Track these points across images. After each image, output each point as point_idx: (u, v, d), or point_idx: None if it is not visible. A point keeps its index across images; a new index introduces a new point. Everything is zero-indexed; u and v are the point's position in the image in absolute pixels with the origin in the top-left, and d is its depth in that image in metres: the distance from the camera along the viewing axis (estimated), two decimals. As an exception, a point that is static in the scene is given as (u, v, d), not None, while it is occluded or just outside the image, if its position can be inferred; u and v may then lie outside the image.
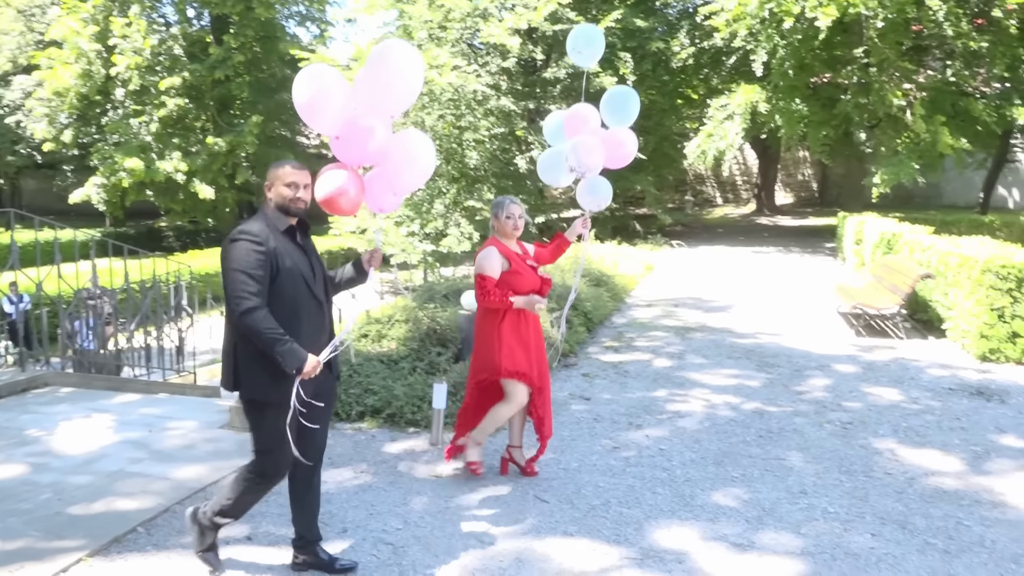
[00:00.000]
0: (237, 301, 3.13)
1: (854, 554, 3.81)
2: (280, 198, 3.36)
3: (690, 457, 5.09)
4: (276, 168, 3.41)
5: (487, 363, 4.48)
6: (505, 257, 4.46)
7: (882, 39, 14.89)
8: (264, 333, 3.13)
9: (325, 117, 3.48)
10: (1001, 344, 7.54)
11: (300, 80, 3.42)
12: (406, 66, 3.49)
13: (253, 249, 3.17)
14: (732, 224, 26.47)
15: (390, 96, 3.51)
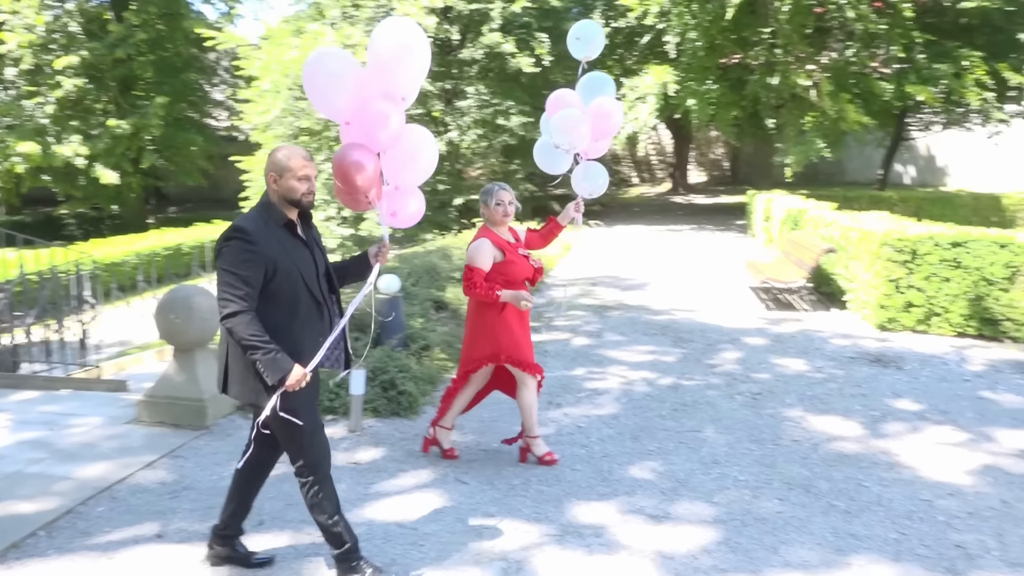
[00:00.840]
0: (222, 304, 3.01)
1: (763, 519, 3.97)
2: (290, 191, 3.13)
3: (608, 433, 5.19)
4: (285, 158, 3.14)
5: (490, 348, 4.44)
6: (499, 248, 4.40)
7: (787, 21, 15.35)
8: (246, 340, 2.99)
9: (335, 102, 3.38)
10: (898, 313, 7.94)
11: (309, 63, 3.34)
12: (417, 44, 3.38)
13: (245, 249, 3.01)
14: (648, 203, 26.96)
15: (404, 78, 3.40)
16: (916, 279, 7.82)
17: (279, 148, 3.21)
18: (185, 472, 4.58)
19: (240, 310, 2.99)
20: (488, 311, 4.46)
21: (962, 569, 3.50)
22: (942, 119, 20.89)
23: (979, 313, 7.64)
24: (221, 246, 3.06)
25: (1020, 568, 3.50)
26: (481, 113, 18.72)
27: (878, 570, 3.49)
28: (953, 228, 8.27)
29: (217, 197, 25.58)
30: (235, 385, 3.18)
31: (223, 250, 3.04)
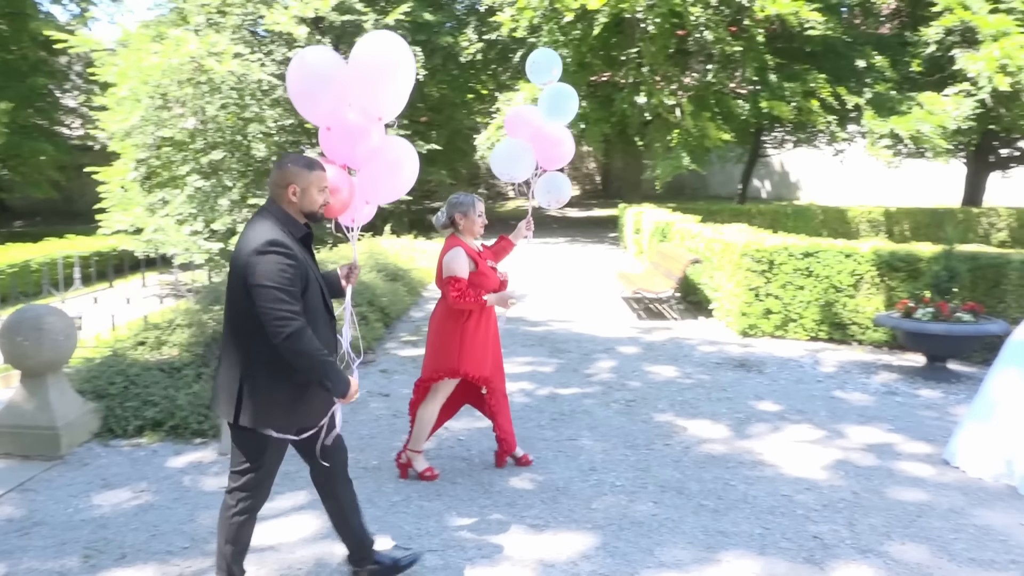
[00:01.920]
0: (281, 324, 2.80)
1: (639, 522, 4.10)
2: (311, 204, 3.03)
3: (489, 445, 5.21)
4: (307, 169, 3.01)
5: (445, 363, 4.41)
6: (471, 258, 4.42)
7: (652, 42, 16.05)
8: (315, 356, 2.85)
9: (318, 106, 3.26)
10: (758, 320, 8.42)
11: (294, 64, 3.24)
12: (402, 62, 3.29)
13: (287, 263, 2.85)
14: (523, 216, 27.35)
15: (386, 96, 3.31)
16: (773, 287, 8.32)
17: (295, 158, 3.06)
18: (36, 507, 4.24)
19: (303, 327, 2.84)
20: (454, 323, 4.43)
21: (820, 558, 3.74)
22: (794, 137, 22.40)
23: (829, 318, 8.21)
24: (254, 260, 2.85)
25: (869, 554, 3.77)
26: (356, 125, 18.46)
27: (745, 564, 3.67)
28: (805, 239, 8.87)
29: (71, 210, 23.92)
30: (252, 410, 2.95)
31: (258, 265, 2.84)
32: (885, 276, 7.94)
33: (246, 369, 2.95)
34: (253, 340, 2.90)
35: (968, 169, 20.56)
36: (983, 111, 15.82)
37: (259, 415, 2.96)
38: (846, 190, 25.69)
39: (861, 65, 17.01)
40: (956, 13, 15.82)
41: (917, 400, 6.36)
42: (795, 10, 15.47)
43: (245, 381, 2.94)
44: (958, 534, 3.99)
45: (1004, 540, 3.94)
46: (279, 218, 3.00)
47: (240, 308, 2.93)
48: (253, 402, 2.95)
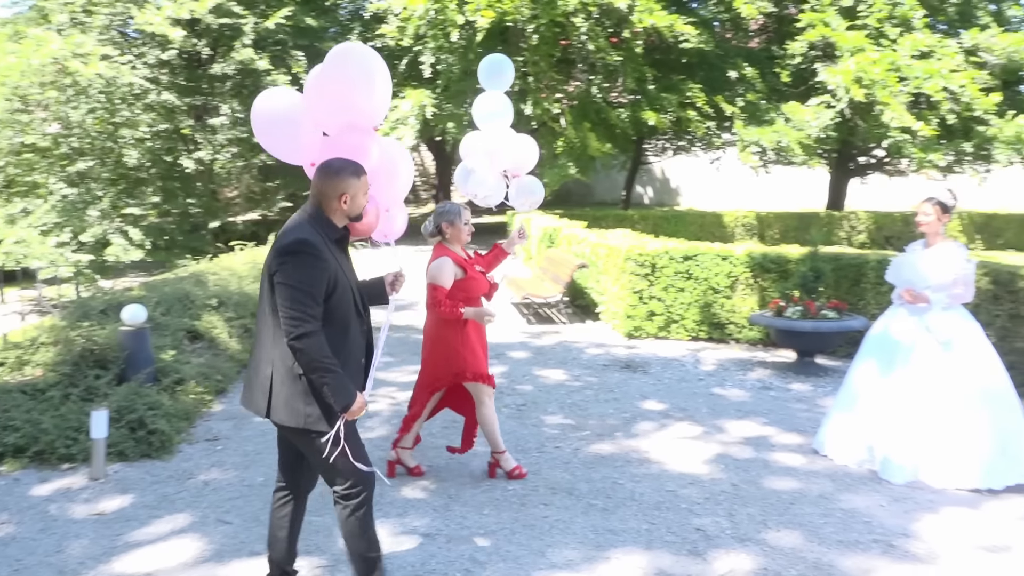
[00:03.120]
0: (294, 323, 2.83)
1: (530, 525, 4.15)
2: (357, 208, 3.08)
3: (379, 456, 5.13)
4: (355, 177, 3.03)
5: (450, 368, 4.50)
6: (459, 265, 4.52)
7: (536, 50, 16.31)
8: (318, 362, 2.85)
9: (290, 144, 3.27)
10: (642, 322, 8.70)
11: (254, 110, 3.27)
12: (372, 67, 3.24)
13: (313, 263, 2.88)
14: (413, 224, 27.08)
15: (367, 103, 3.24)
16: (656, 290, 8.61)
17: (343, 166, 3.04)
18: None
19: (314, 330, 2.84)
20: (450, 329, 4.52)
21: (702, 549, 3.89)
22: (673, 145, 23.28)
23: (708, 319, 8.58)
24: (283, 259, 2.88)
25: (748, 542, 3.96)
26: (236, 131, 17.86)
27: (632, 560, 3.78)
28: (684, 243, 9.23)
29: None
30: (283, 409, 2.97)
31: (286, 263, 2.87)
32: (758, 277, 8.36)
33: (277, 364, 2.96)
34: (281, 335, 2.91)
35: (831, 175, 21.92)
36: (842, 121, 16.92)
37: (291, 412, 2.97)
38: (722, 196, 26.88)
39: (734, 76, 17.86)
40: (818, 29, 16.86)
41: (789, 394, 6.73)
42: (670, 23, 16.09)
43: (275, 376, 2.96)
44: (827, 518, 4.25)
45: (867, 521, 4.22)
46: (316, 219, 3.02)
47: (269, 303, 2.97)
48: (283, 399, 2.96)
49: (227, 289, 8.40)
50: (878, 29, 16.78)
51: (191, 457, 5.18)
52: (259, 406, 3.04)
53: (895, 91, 15.83)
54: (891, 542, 3.99)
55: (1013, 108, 16.82)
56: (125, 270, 15.70)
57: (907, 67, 15.92)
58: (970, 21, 17.47)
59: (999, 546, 3.97)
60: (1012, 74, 17.11)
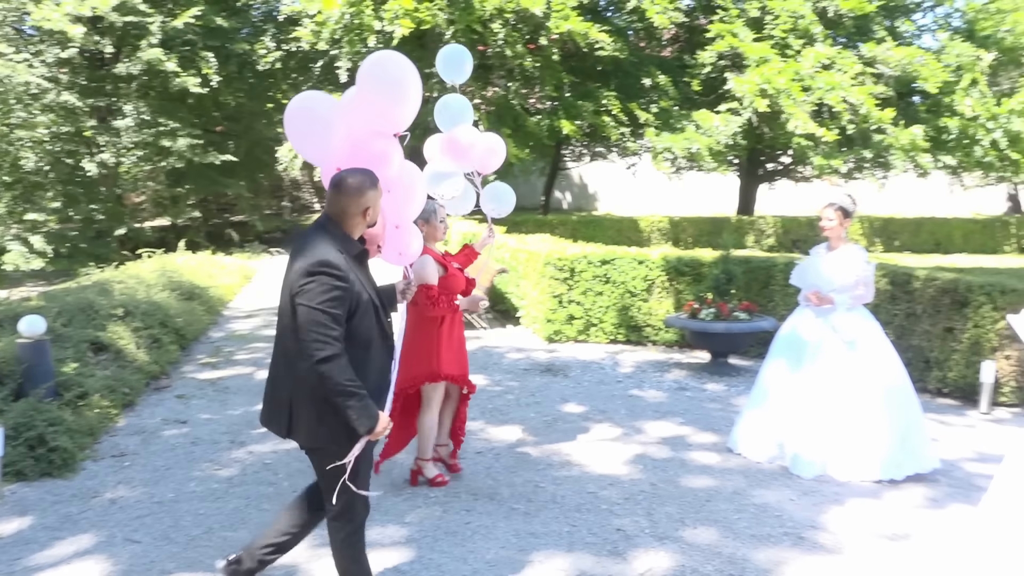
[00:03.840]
0: (317, 346, 2.78)
1: (453, 532, 4.13)
2: (374, 218, 3.06)
3: (296, 467, 5.03)
4: (374, 188, 3.00)
5: (424, 370, 4.47)
6: (439, 263, 4.54)
7: (454, 56, 16.31)
8: (341, 385, 2.81)
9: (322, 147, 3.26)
10: (562, 326, 8.79)
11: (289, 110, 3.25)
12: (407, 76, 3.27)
13: (336, 285, 2.82)
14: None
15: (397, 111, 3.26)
16: (575, 294, 8.72)
17: (364, 179, 2.99)
18: None
19: (337, 353, 2.80)
20: (426, 330, 4.49)
21: (622, 549, 3.95)
22: (590, 151, 23.63)
23: (626, 322, 8.73)
24: (306, 280, 2.82)
25: (666, 540, 4.05)
26: (142, 134, 17.21)
27: (554, 563, 3.81)
28: (602, 248, 9.38)
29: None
30: (305, 429, 2.96)
31: (308, 286, 2.82)
32: (673, 280, 8.57)
33: (297, 384, 2.93)
34: (301, 358, 2.87)
35: (741, 181, 22.68)
36: (750, 128, 17.54)
37: (313, 433, 2.96)
38: (638, 201, 27.45)
39: (648, 84, 18.27)
40: (726, 40, 17.46)
41: (704, 394, 6.92)
42: (585, 31, 16.35)
43: (296, 396, 2.95)
44: (741, 514, 4.38)
45: (779, 515, 4.37)
46: (336, 237, 2.96)
47: (288, 325, 2.93)
48: (304, 419, 2.95)
49: (134, 298, 8.07)
50: (783, 40, 17.49)
51: (96, 475, 4.94)
52: (279, 426, 3.03)
53: (799, 100, 16.53)
54: (800, 534, 4.14)
55: (907, 118, 17.80)
56: (22, 279, 14.91)
57: (810, 78, 16.66)
58: (867, 35, 18.38)
59: (899, 534, 4.17)
60: (905, 85, 18.09)
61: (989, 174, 22.33)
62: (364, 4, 15.52)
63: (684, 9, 18.78)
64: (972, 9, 20.25)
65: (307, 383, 2.90)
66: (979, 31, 19.84)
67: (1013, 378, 6.49)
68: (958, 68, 18.11)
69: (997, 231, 22.08)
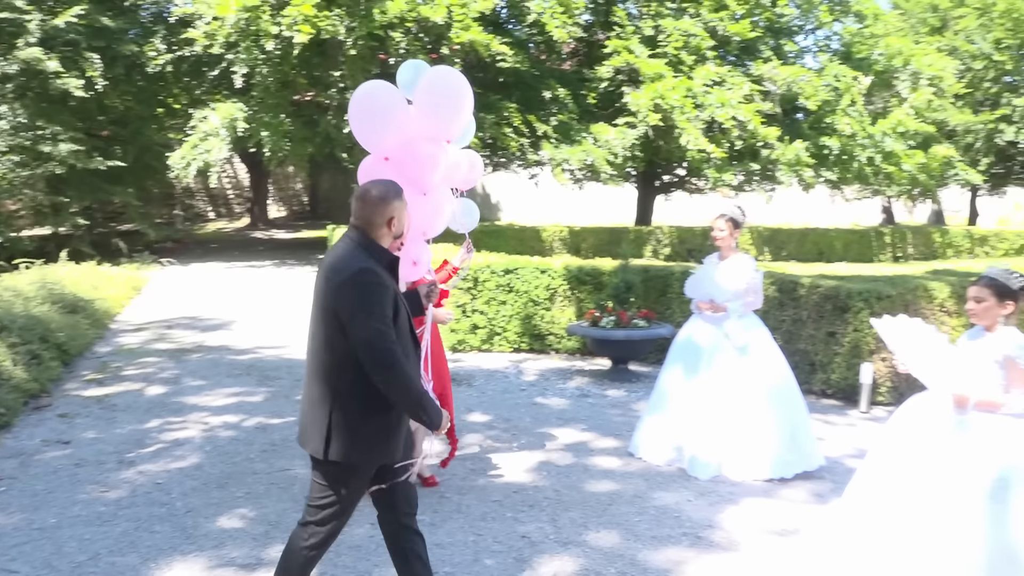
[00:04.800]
0: (383, 354, 2.75)
1: (356, 546, 4.07)
2: (400, 228, 3.04)
3: (191, 486, 4.85)
4: (399, 198, 3.00)
5: None
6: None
7: (354, 64, 16.11)
8: (414, 387, 2.83)
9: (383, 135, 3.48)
10: (466, 336, 8.80)
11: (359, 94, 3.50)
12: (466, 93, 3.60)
13: (382, 292, 2.83)
14: (227, 239, 25.91)
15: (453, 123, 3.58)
16: (479, 304, 8.75)
17: (388, 189, 3.01)
18: None
19: (401, 357, 2.79)
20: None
21: (527, 556, 3.99)
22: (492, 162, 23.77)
23: (529, 330, 8.83)
24: (349, 291, 2.80)
25: (570, 545, 4.11)
26: (18, 138, 16.19)
27: (460, 573, 3.80)
28: (505, 257, 9.46)
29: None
30: (342, 443, 2.86)
31: (359, 296, 2.79)
32: (575, 289, 8.73)
33: (335, 401, 2.87)
34: (343, 371, 2.84)
35: (638, 192, 23.33)
36: (647, 141, 18.08)
37: (348, 448, 2.88)
38: (540, 211, 27.82)
39: (548, 96, 18.57)
40: (623, 55, 17.96)
41: (605, 400, 7.06)
42: (487, 42, 16.49)
43: (334, 413, 2.87)
44: (642, 516, 4.50)
45: (677, 516, 4.51)
46: (367, 247, 2.95)
47: (327, 338, 2.87)
48: (342, 435, 2.87)
49: (11, 312, 7.58)
50: (676, 58, 18.14)
51: (-33, 502, 4.61)
52: (315, 446, 2.91)
53: (692, 116, 17.17)
54: (698, 534, 4.29)
55: (792, 134, 18.76)
56: None
57: (702, 95, 17.35)
58: (755, 54, 19.30)
59: (788, 530, 4.38)
60: (790, 102, 19.06)
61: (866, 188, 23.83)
62: (261, 9, 15.15)
63: (583, 24, 19.21)
64: (848, 33, 21.57)
65: (350, 398, 2.87)
66: (855, 54, 21.15)
67: (889, 379, 6.93)
68: (836, 88, 19.25)
69: (873, 241, 23.50)
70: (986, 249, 24.62)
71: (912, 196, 26.14)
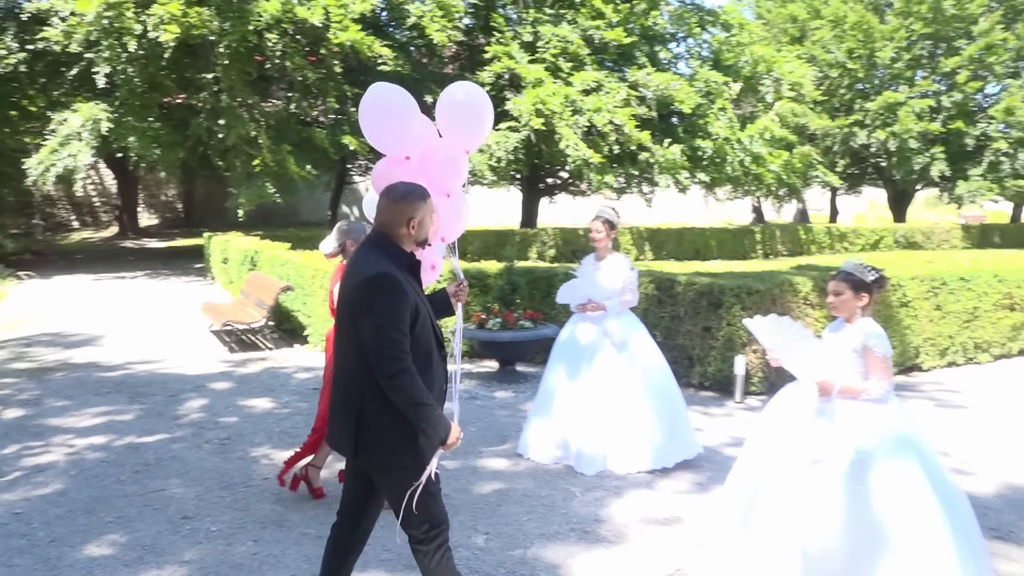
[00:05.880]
0: (388, 360, 2.76)
1: (239, 564, 3.92)
2: (424, 232, 3.03)
3: (55, 514, 4.53)
4: (422, 200, 2.98)
5: None
6: None
7: (228, 66, 15.53)
8: (414, 398, 2.80)
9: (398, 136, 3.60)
10: (352, 343, 8.63)
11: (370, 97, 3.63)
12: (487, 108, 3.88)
13: (399, 298, 2.81)
14: (93, 249, 24.41)
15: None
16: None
17: (409, 190, 2.99)
18: None
19: (407, 366, 2.78)
20: None
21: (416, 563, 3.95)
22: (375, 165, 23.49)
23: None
24: (367, 295, 2.80)
25: (460, 548, 4.10)
26: None
27: (349, 584, 3.72)
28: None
29: None
30: (373, 448, 2.89)
31: (372, 300, 2.79)
32: (461, 293, 8.71)
33: (361, 403, 2.88)
34: (367, 373, 2.83)
35: (523, 195, 23.63)
36: (529, 146, 18.34)
37: (382, 451, 2.90)
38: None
39: (429, 101, 18.53)
40: (503, 61, 18.15)
41: (494, 402, 7.10)
42: (367, 43, 16.28)
43: (362, 416, 2.88)
44: (531, 515, 4.55)
45: (565, 513, 4.59)
46: (388, 250, 2.95)
47: (350, 341, 2.88)
48: (374, 437, 2.89)
49: None
50: (555, 64, 18.48)
51: None
52: (346, 447, 2.95)
53: (571, 122, 17.54)
54: (585, 528, 4.38)
55: (668, 136, 19.49)
56: None
57: (580, 101, 17.75)
58: (631, 60, 19.93)
59: (671, 518, 4.54)
60: (665, 107, 19.80)
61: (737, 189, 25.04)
62: (125, 6, 14.38)
63: (463, 28, 19.27)
64: (717, 41, 22.63)
65: (377, 400, 2.85)
66: (724, 61, 22.21)
67: (760, 370, 7.30)
68: (708, 93, 20.15)
69: (745, 239, 24.73)
70: (845, 245, 26.38)
71: (779, 196, 27.68)
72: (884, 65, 28.74)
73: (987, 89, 29.69)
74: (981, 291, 8.88)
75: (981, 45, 27.63)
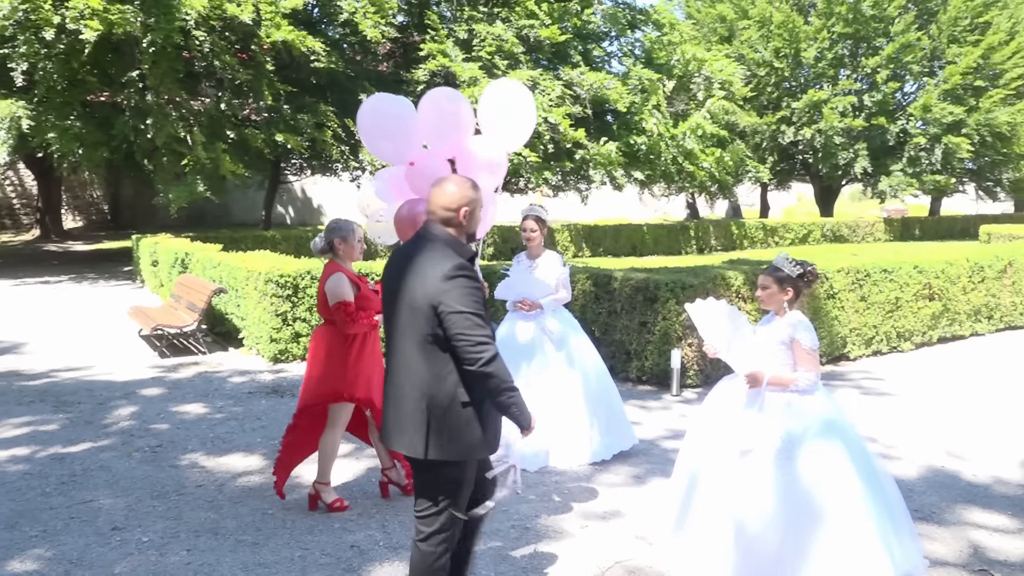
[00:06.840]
0: (480, 348, 2.76)
1: (171, 575, 3.81)
2: (475, 224, 3.03)
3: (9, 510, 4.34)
4: (474, 190, 3.01)
5: (331, 387, 4.38)
6: (352, 282, 4.39)
7: (155, 64, 15.06)
8: (505, 383, 2.82)
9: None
10: (288, 345, 8.49)
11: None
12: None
13: (475, 287, 2.83)
14: (13, 253, 23.40)
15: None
16: (300, 311, 8.47)
17: (458, 180, 3.02)
18: None
19: (497, 352, 2.79)
20: (339, 348, 4.39)
21: (357, 565, 3.92)
22: (311, 165, 23.12)
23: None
24: (445, 286, 2.78)
25: (400, 550, 4.08)
26: None
27: (287, 590, 3.67)
28: (326, 263, 9.19)
29: None
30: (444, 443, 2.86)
31: (451, 291, 2.78)
32: (399, 292, 8.65)
33: (432, 399, 2.85)
34: (440, 368, 2.83)
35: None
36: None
37: (452, 445, 2.87)
38: (363, 214, 27.42)
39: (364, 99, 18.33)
40: (438, 59, 18.06)
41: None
42: (299, 40, 16.00)
43: (433, 411, 2.86)
44: (471, 513, 4.54)
45: (506, 510, 4.60)
46: (449, 242, 2.94)
47: (422, 336, 2.84)
48: (444, 432, 2.86)
49: None
50: (490, 62, 18.47)
51: None
52: (415, 446, 2.89)
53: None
54: (526, 525, 4.40)
55: (603, 133, 19.70)
56: None
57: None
58: (565, 59, 20.06)
59: (610, 512, 4.60)
60: (600, 105, 20.00)
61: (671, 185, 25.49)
62: None
63: (397, 25, 19.09)
64: (649, 40, 22.97)
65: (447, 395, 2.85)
66: (656, 59, 22.57)
67: (696, 363, 7.45)
68: (643, 91, 20.43)
69: (680, 235, 25.21)
70: (776, 239, 27.13)
71: (711, 193, 28.29)
72: (809, 64, 29.68)
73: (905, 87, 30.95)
74: (903, 282, 9.24)
75: (898, 45, 28.77)
